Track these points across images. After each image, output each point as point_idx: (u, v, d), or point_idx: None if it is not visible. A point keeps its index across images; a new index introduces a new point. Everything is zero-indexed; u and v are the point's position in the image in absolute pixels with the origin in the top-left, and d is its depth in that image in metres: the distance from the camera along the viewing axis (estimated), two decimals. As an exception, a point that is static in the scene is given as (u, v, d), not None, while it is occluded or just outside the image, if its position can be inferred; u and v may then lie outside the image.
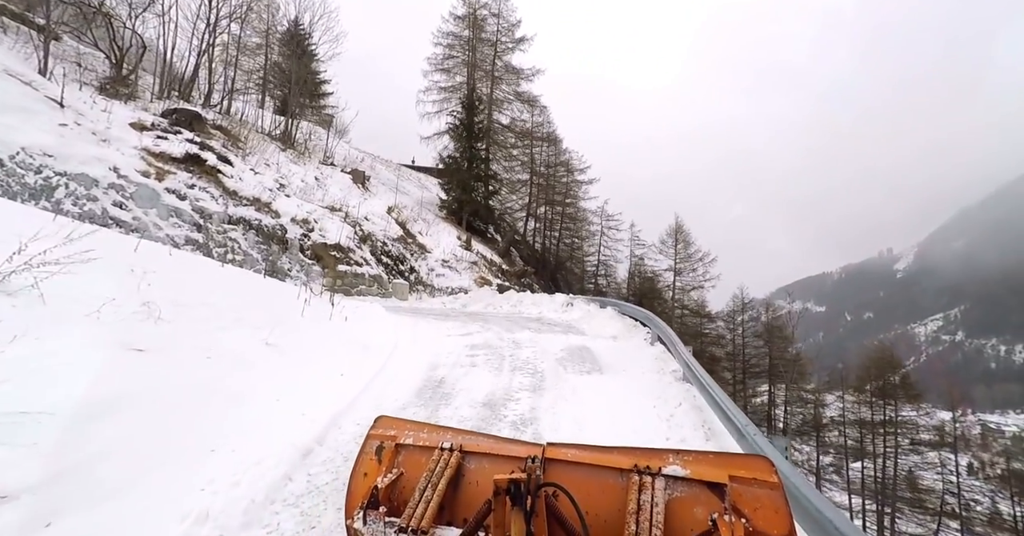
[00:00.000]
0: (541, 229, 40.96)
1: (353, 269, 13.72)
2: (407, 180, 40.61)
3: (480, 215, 30.99)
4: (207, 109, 16.49)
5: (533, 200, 39.24)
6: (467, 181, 28.25)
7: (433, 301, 15.82)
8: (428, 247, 18.43)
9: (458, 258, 19.12)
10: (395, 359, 5.97)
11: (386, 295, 14.48)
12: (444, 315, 10.65)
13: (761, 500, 1.44)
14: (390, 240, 16.53)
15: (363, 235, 15.47)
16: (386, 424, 2.08)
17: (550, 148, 40.17)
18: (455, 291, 17.00)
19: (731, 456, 1.61)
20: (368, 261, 14.52)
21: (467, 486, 1.79)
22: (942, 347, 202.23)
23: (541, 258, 38.44)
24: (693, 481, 1.53)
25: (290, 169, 16.22)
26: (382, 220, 16.98)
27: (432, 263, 17.79)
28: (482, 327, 8.72)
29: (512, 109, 35.29)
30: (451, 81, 33.96)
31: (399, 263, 16.41)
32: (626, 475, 1.60)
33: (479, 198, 29.40)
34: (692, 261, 30.77)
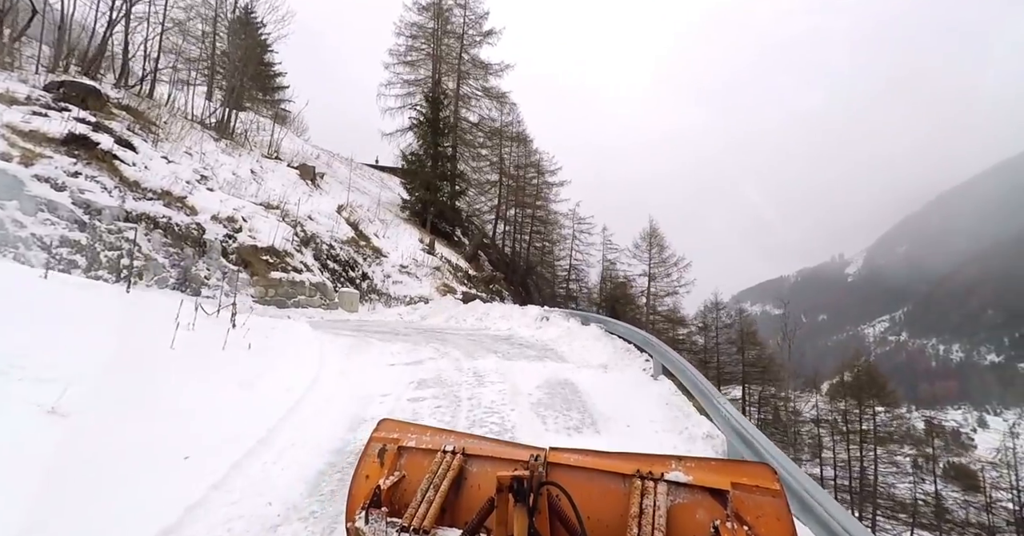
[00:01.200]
0: (511, 232, 39.39)
1: (290, 276, 11.65)
2: (369, 180, 38.27)
3: (446, 217, 29.09)
4: (120, 89, 14.01)
5: (502, 202, 37.61)
6: (431, 180, 26.32)
7: (388, 312, 13.89)
8: (384, 251, 16.45)
9: (419, 263, 17.21)
10: (300, 412, 4.14)
11: (330, 306, 12.46)
12: (394, 332, 8.80)
13: (763, 508, 1.41)
14: (339, 243, 14.48)
15: (305, 237, 13.39)
16: (389, 427, 2.05)
17: (520, 148, 38.72)
18: (414, 300, 15.11)
19: (734, 463, 1.72)
20: (310, 267, 12.46)
21: (469, 489, 1.77)
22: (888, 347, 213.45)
23: (511, 262, 36.82)
24: (695, 487, 1.50)
25: (219, 160, 13.93)
26: (330, 220, 14.91)
27: (388, 269, 15.83)
28: (437, 351, 6.96)
29: (480, 106, 33.63)
30: (415, 74, 32.01)
31: (349, 269, 14.39)
32: (628, 480, 1.57)
33: (444, 198, 27.50)
34: (667, 266, 29.88)
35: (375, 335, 8.19)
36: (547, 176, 40.76)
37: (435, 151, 26.82)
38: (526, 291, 37.42)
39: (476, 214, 39.36)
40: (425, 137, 26.99)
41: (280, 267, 11.57)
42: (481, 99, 33.40)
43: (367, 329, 9.19)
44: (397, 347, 7.02)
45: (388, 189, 32.67)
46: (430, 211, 26.59)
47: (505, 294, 25.77)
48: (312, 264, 12.73)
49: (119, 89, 13.98)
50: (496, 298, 22.52)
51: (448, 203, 28.33)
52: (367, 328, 9.44)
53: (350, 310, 13.08)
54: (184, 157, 12.23)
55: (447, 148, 28.74)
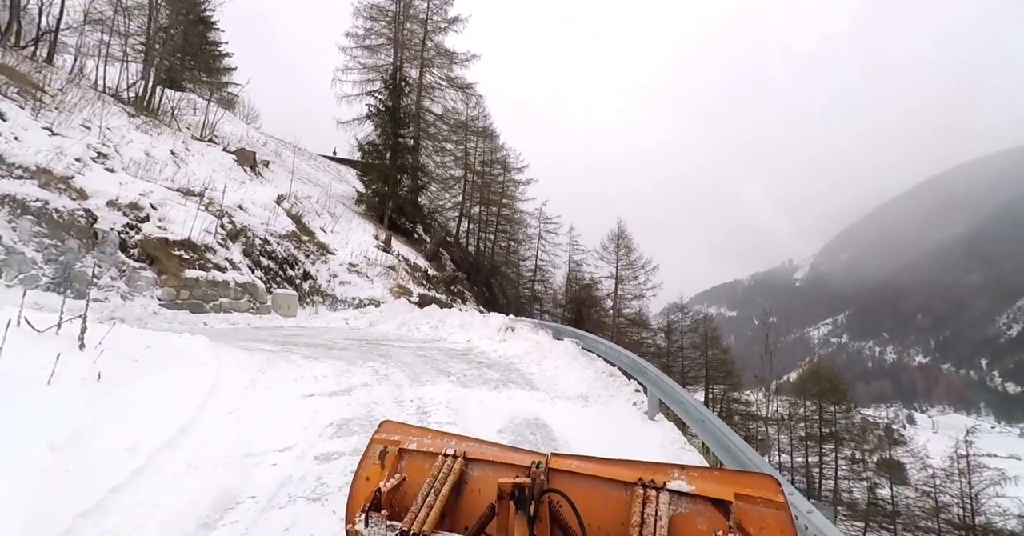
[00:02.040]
0: (475, 230, 37.96)
1: (210, 275, 9.83)
2: (324, 171, 35.89)
3: (406, 212, 27.36)
4: (2, 48, 11.65)
5: (467, 198, 36.12)
6: (390, 172, 24.53)
7: (332, 317, 12.24)
8: (332, 247, 14.71)
9: (371, 262, 15.56)
10: (134, 490, 2.67)
11: (261, 311, 10.70)
12: (329, 346, 7.28)
13: (767, 520, 1.38)
14: (276, 237, 12.68)
15: (234, 230, 11.54)
16: (390, 429, 2.02)
17: (486, 143, 37.36)
18: (364, 303, 13.49)
19: (737, 473, 1.60)
20: (237, 264, 10.66)
21: (470, 493, 1.75)
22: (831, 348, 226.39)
23: (475, 262, 35.38)
24: (698, 497, 1.48)
25: (127, 137, 11.82)
26: (266, 211, 13.06)
27: (336, 268, 14.12)
28: (376, 373, 5.54)
29: (444, 97, 32.01)
30: (375, 60, 30.02)
31: (287, 267, 12.61)
32: (630, 488, 1.55)
33: (404, 192, 25.77)
34: (634, 268, 29.32)
35: (303, 350, 6.65)
36: (514, 174, 39.57)
37: (395, 141, 25.04)
38: (490, 292, 36.08)
39: (439, 211, 37.67)
40: (384, 126, 25.16)
41: (198, 264, 9.73)
42: (445, 89, 31.80)
43: (298, 340, 7.61)
44: (325, 368, 5.54)
45: (345, 182, 30.58)
46: (388, 206, 24.80)
47: (467, 295, 24.35)
48: (240, 261, 10.92)
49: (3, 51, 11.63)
50: (458, 300, 21.08)
51: (408, 198, 26.60)
52: (299, 339, 7.85)
53: (286, 314, 11.35)
54: (78, 131, 10.13)
55: (408, 139, 27.00)
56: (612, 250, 29.34)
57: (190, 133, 17.01)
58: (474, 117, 36.44)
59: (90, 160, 9.47)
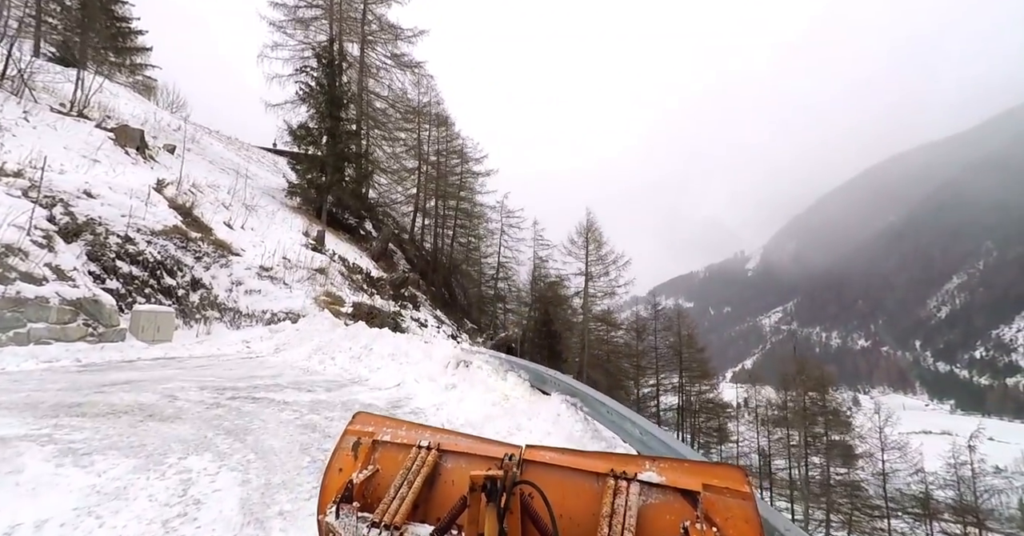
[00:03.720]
0: (432, 226, 34.83)
1: (11, 291, 6.53)
2: (258, 163, 31.76)
3: (349, 206, 23.96)
4: None
5: (422, 191, 32.91)
6: (327, 159, 21.10)
7: (230, 339, 9.10)
8: (236, 247, 11.44)
9: (292, 264, 12.38)
10: None
11: (107, 337, 7.46)
12: (154, 409, 4.26)
13: (732, 509, 1.41)
14: (146, 234, 9.34)
15: (72, 225, 8.17)
16: (364, 420, 1.97)
17: (441, 131, 34.26)
18: (278, 318, 10.38)
19: (705, 465, 1.58)
20: (66, 273, 7.35)
21: (443, 485, 1.72)
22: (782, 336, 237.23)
23: (432, 260, 32.28)
24: (667, 488, 1.51)
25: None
26: (132, 200, 9.68)
27: (241, 272, 10.89)
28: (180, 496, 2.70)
29: (392, 78, 28.65)
30: (309, 35, 26.28)
31: (163, 274, 9.33)
32: (602, 479, 1.57)
33: (346, 182, 22.37)
34: (604, 264, 27.18)
35: (88, 425, 3.64)
36: (472, 164, 36.73)
37: (333, 125, 21.59)
38: (449, 292, 33.06)
39: (391, 205, 34.29)
40: (319, 108, 21.64)
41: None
42: (392, 70, 28.46)
43: (109, 398, 4.56)
44: (70, 489, 2.64)
45: (283, 175, 26.74)
46: (326, 198, 21.37)
47: (421, 299, 21.37)
48: (76, 268, 7.60)
49: None
50: (408, 306, 18.11)
51: (350, 188, 23.19)
52: (117, 392, 4.79)
53: (153, 339, 8.14)
54: None
55: (349, 122, 23.57)
56: (581, 244, 27.07)
57: (47, 105, 13.16)
58: (426, 103, 33.34)
59: None
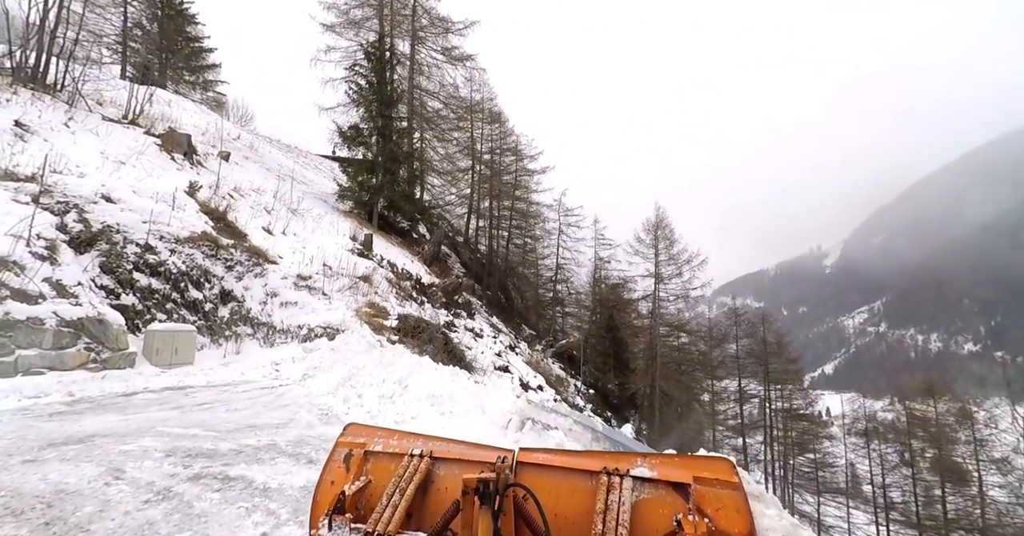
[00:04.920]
0: (487, 228, 33.51)
1: (1, 311, 5.56)
2: (316, 170, 32.03)
3: (401, 209, 23.00)
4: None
5: (475, 191, 31.66)
6: (377, 159, 20.21)
7: (260, 360, 7.91)
8: (273, 254, 10.38)
9: (333, 271, 11.20)
10: None
11: (111, 363, 6.40)
12: (55, 513, 2.84)
13: (723, 500, 1.43)
14: (170, 241, 8.38)
15: (85, 233, 7.26)
16: (355, 431, 1.96)
17: (494, 128, 32.87)
18: (315, 334, 9.13)
19: (695, 458, 1.61)
20: (68, 289, 6.37)
21: (436, 492, 1.72)
22: (868, 338, 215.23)
23: (487, 263, 30.91)
24: (659, 482, 1.52)
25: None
26: (159, 204, 8.79)
27: (277, 282, 9.80)
28: None
29: (443, 74, 27.58)
30: (360, 36, 25.74)
31: (190, 285, 8.32)
32: (595, 477, 1.58)
33: (397, 184, 21.41)
34: (677, 264, 24.35)
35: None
36: (526, 162, 35.09)
37: (383, 123, 20.71)
38: (506, 297, 31.51)
39: (444, 208, 33.36)
40: (369, 106, 20.84)
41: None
42: (443, 66, 27.36)
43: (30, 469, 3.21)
44: None
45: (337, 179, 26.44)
46: (377, 201, 20.50)
47: (476, 305, 19.89)
48: (82, 282, 6.63)
49: None
50: (462, 314, 16.64)
51: (403, 191, 22.23)
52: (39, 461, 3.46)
53: (170, 363, 7.06)
54: None
55: (400, 120, 22.64)
56: (649, 243, 24.40)
57: (99, 114, 12.95)
58: (478, 100, 32.12)
59: None
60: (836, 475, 25.53)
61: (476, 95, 31.62)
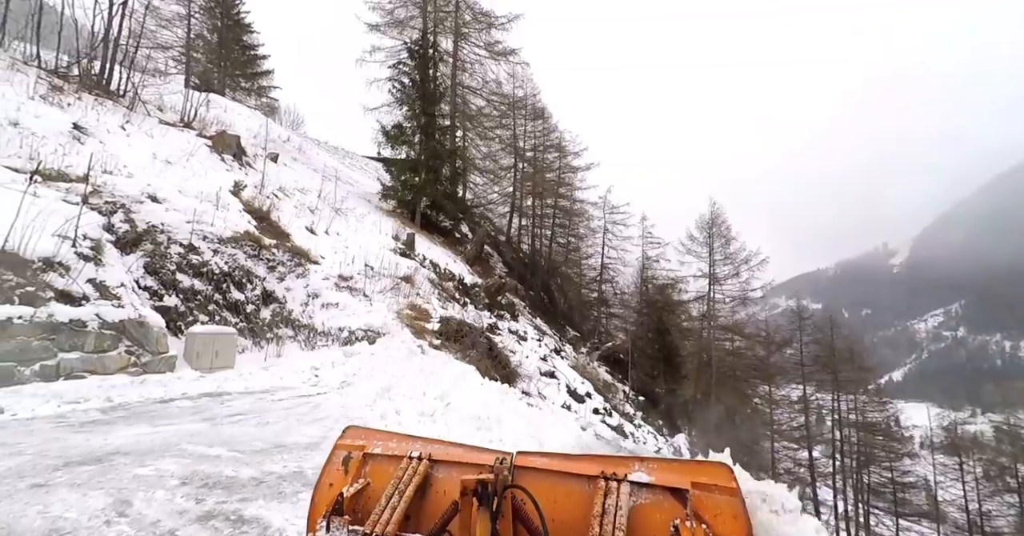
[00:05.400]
0: (529, 227, 32.88)
1: (44, 313, 5.48)
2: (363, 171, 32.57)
3: (444, 208, 22.76)
4: None
5: (518, 189, 31.10)
6: (420, 157, 20.03)
7: (300, 364, 7.65)
8: (315, 254, 10.19)
9: (375, 271, 10.90)
10: None
11: (152, 366, 6.26)
12: None
13: (721, 506, 1.43)
14: (213, 241, 8.28)
15: (131, 233, 7.22)
16: (354, 434, 1.96)
17: (537, 124, 32.17)
18: (355, 337, 8.81)
19: (693, 463, 1.60)
20: (111, 290, 6.27)
21: (435, 495, 1.72)
22: (944, 344, 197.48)
23: (530, 262, 30.27)
24: (657, 487, 1.52)
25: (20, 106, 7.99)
26: (203, 204, 8.73)
27: (318, 283, 9.58)
28: None
29: (485, 71, 27.16)
30: (404, 34, 25.75)
31: (233, 286, 8.19)
32: (593, 481, 1.58)
33: (440, 182, 21.15)
34: (734, 263, 22.68)
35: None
36: (571, 158, 34.12)
37: (426, 121, 20.51)
38: (549, 297, 30.77)
39: (486, 206, 33.01)
40: (412, 103, 20.71)
41: (18, 295, 5.42)
42: (485, 62, 26.93)
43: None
44: None
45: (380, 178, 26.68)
46: (420, 200, 20.33)
47: (519, 307, 19.29)
48: (125, 283, 6.54)
49: None
50: (505, 316, 16.08)
51: (445, 189, 21.98)
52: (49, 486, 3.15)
53: (211, 367, 6.89)
54: None
55: (443, 117, 22.39)
56: (703, 241, 22.87)
57: (156, 118, 13.33)
58: (521, 97, 31.52)
59: None
60: (916, 495, 23.04)
61: (519, 91, 31.04)
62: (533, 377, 11.50)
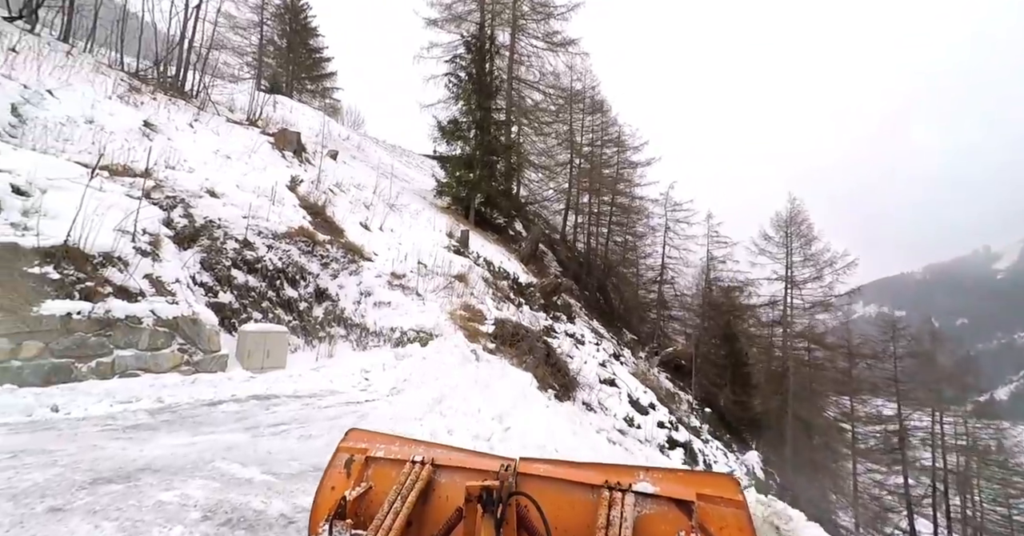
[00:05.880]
0: (585, 224, 31.78)
1: (102, 308, 5.40)
2: (417, 168, 32.86)
3: (498, 204, 22.25)
4: None
5: (574, 186, 30.07)
6: (475, 152, 19.61)
7: (351, 366, 7.33)
8: (368, 251, 9.91)
9: (428, 269, 10.49)
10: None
11: (204, 365, 6.09)
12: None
13: (727, 519, 1.41)
14: (268, 237, 8.14)
15: (190, 228, 7.17)
16: (357, 437, 1.95)
17: (595, 118, 30.97)
18: (407, 338, 8.41)
19: (699, 474, 1.57)
20: (166, 286, 6.17)
21: (437, 500, 1.70)
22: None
23: (585, 262, 29.19)
24: (662, 498, 1.49)
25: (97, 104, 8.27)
26: (260, 199, 8.63)
27: (371, 281, 9.28)
28: None
29: (543, 63, 26.33)
30: (461, 27, 25.47)
31: (286, 283, 8.02)
32: (597, 491, 1.56)
33: (495, 178, 20.64)
34: (817, 265, 20.42)
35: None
36: (630, 153, 32.62)
37: (482, 116, 20.05)
38: (605, 298, 29.59)
39: (540, 203, 32.24)
40: (467, 97, 20.33)
41: (79, 289, 5.36)
42: (543, 54, 26.11)
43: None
44: None
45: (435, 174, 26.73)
46: (474, 196, 19.92)
47: (575, 308, 18.39)
48: (180, 278, 6.43)
49: None
50: (562, 317, 15.27)
51: (500, 186, 21.44)
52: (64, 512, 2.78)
53: (263, 366, 6.68)
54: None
55: (498, 111, 21.86)
56: (779, 241, 20.78)
57: (225, 117, 13.73)
58: (579, 90, 30.42)
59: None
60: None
61: (577, 84, 29.98)
62: (593, 386, 10.66)
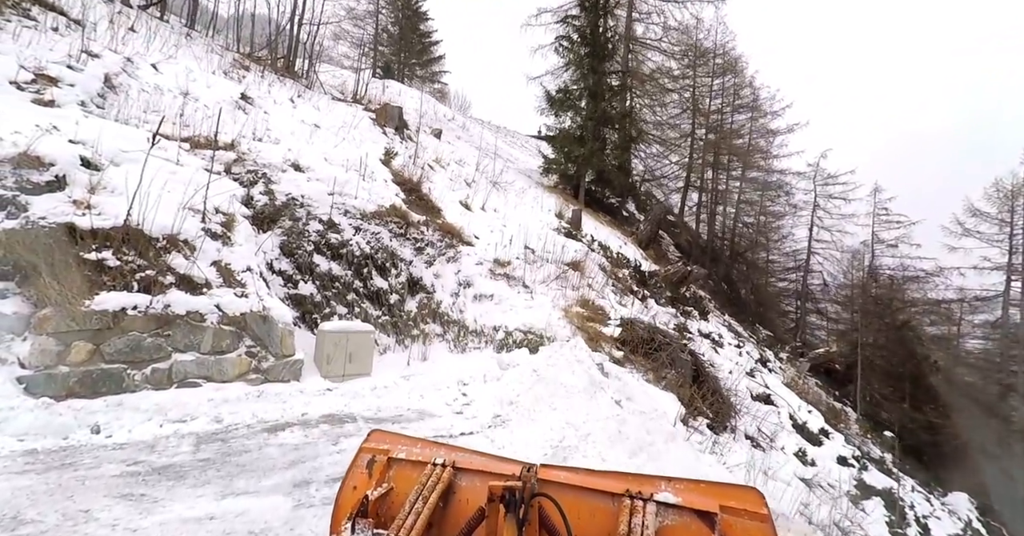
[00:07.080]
0: (708, 204, 27.77)
1: (161, 303, 4.51)
2: (521, 148, 31.43)
3: (611, 182, 19.77)
4: None
5: (696, 160, 26.20)
6: (586, 123, 17.32)
7: (444, 376, 5.95)
8: (467, 234, 8.45)
9: (535, 255, 8.75)
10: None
11: (274, 373, 5.02)
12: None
13: (751, 532, 1.39)
14: (355, 217, 6.99)
15: (270, 206, 6.22)
16: (379, 438, 1.97)
17: (726, 80, 26.51)
18: (512, 339, 6.80)
19: (722, 486, 1.56)
20: (236, 276, 5.19)
21: (457, 503, 1.71)
22: None
23: (707, 247, 25.40)
24: (684, 509, 1.48)
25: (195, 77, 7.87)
26: (348, 172, 7.52)
27: (471, 269, 7.82)
28: None
29: (666, 18, 22.72)
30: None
31: (375, 271, 6.83)
32: (617, 499, 1.55)
33: (609, 153, 18.19)
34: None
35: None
36: (767, 119, 27.67)
37: (595, 81, 17.64)
38: (732, 289, 25.58)
39: (657, 179, 28.79)
40: (579, 61, 18.00)
41: (137, 279, 4.53)
42: (666, 8, 22.55)
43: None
44: None
45: (541, 151, 24.96)
46: (585, 172, 17.72)
47: (707, 303, 15.42)
48: (252, 266, 5.44)
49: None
50: (694, 313, 12.63)
51: (614, 162, 18.93)
52: None
53: (344, 373, 5.52)
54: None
55: (614, 75, 19.18)
56: (996, 218, 15.38)
57: (329, 95, 13.28)
58: (708, 48, 26.16)
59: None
60: None
61: (706, 41, 25.80)
62: (750, 408, 8.16)
